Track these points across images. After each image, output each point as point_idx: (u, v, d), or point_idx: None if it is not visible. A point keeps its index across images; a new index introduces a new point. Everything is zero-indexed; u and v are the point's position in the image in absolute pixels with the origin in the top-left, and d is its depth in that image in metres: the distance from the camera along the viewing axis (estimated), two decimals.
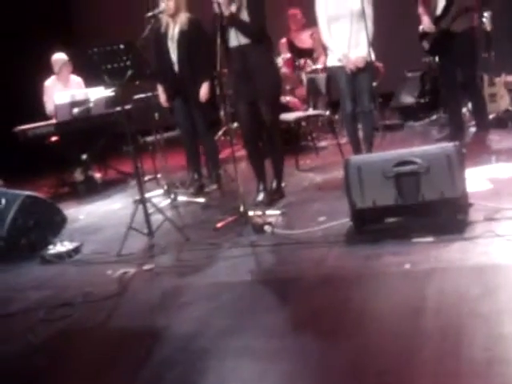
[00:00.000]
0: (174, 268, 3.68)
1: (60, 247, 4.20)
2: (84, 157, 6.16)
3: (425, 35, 5.41)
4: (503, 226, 3.34)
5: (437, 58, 5.49)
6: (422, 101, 7.21)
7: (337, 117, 6.68)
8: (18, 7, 8.51)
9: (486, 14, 6.04)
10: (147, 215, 4.18)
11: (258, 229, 3.99)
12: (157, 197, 5.18)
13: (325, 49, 5.47)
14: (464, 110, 6.12)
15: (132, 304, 3.25)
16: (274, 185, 4.81)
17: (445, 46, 5.27)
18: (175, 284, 3.42)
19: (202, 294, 3.21)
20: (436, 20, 5.31)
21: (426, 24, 5.34)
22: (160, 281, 3.51)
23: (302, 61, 6.87)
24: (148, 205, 4.21)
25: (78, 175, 6.21)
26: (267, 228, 3.98)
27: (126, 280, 3.56)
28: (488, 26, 6.05)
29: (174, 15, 5.08)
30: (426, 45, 5.45)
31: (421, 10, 5.44)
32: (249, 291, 3.16)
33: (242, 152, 5.56)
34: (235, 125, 6.11)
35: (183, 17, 5.11)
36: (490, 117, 6.12)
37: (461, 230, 3.38)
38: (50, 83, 6.50)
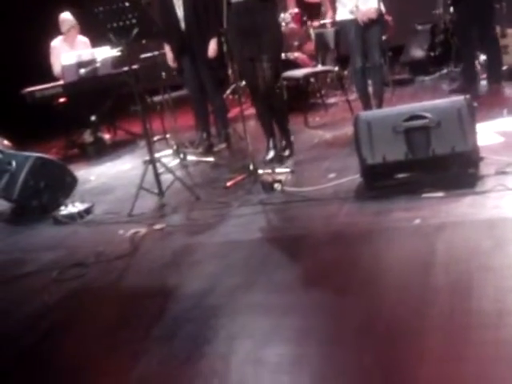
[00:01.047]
0: (184, 227, 3.70)
1: (71, 208, 4.22)
2: (93, 118, 6.14)
3: None
4: None
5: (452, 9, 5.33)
6: (432, 54, 7.09)
7: (346, 72, 6.59)
8: None
9: None
10: (157, 175, 4.19)
11: (268, 187, 3.99)
12: (166, 157, 5.17)
13: (333, 2, 5.37)
14: (476, 62, 6.01)
15: (144, 263, 3.28)
16: (283, 142, 4.78)
17: None
18: (186, 242, 3.44)
19: (213, 252, 3.24)
20: None
21: None
22: (171, 240, 3.53)
23: (309, 15, 6.75)
24: (158, 165, 4.21)
25: (87, 136, 6.21)
26: (277, 186, 3.98)
27: (137, 239, 3.58)
28: None
29: None
30: None
31: None
32: (259, 249, 3.18)
33: (250, 110, 5.52)
34: (243, 83, 6.04)
35: None
36: (503, 68, 6.02)
37: (471, 184, 3.36)
38: (56, 44, 6.43)
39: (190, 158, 5.20)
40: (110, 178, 5.24)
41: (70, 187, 4.54)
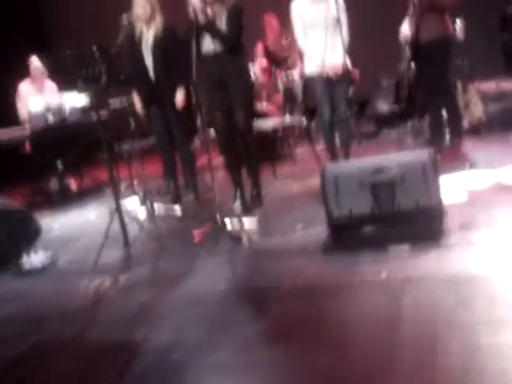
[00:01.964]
0: (150, 278, 3.66)
1: (34, 258, 4.14)
2: (59, 165, 6.09)
3: (405, 42, 5.39)
4: (478, 235, 3.38)
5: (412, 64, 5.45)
6: (398, 108, 7.25)
7: (313, 124, 6.70)
8: None
9: (457, 22, 6.09)
10: (123, 224, 4.14)
11: (235, 237, 3.99)
12: (133, 205, 5.13)
13: (301, 56, 5.48)
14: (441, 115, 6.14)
15: (108, 316, 3.22)
16: (254, 192, 4.81)
17: (420, 53, 5.28)
18: (152, 295, 3.40)
19: (179, 305, 3.19)
20: (413, 28, 5.29)
21: (403, 32, 5.32)
22: (136, 291, 3.48)
23: (277, 68, 6.88)
24: (124, 214, 4.17)
25: (53, 184, 6.14)
26: (244, 236, 3.98)
27: (102, 291, 3.52)
28: (459, 34, 6.11)
29: (149, 20, 5.02)
30: (407, 51, 5.44)
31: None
32: (226, 301, 3.15)
33: (218, 160, 5.55)
34: (212, 132, 6.09)
35: (158, 22, 5.05)
36: (464, 125, 6.18)
37: (436, 238, 3.41)
38: (24, 87, 6.40)
39: (157, 207, 5.17)
40: (75, 227, 5.17)
41: (33, 236, 4.45)
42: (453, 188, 4.25)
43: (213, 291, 3.29)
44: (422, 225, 3.51)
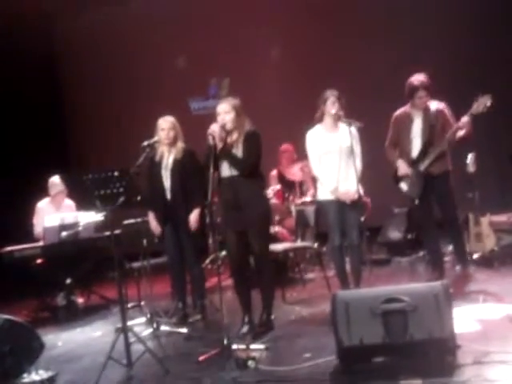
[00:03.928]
0: None
1: (34, 376, 4.03)
2: (68, 281, 6.07)
3: (401, 177, 5.48)
4: (492, 371, 3.26)
5: (416, 200, 5.51)
6: (409, 237, 7.28)
7: (324, 249, 6.70)
8: (16, 123, 8.64)
9: (469, 156, 6.25)
10: (128, 345, 4.05)
11: (242, 364, 3.87)
12: (139, 325, 5.05)
13: (314, 182, 5.60)
14: (449, 248, 6.15)
15: None
16: (264, 317, 4.73)
17: (424, 188, 5.36)
18: None
19: None
20: (412, 162, 5.41)
21: (403, 168, 5.41)
22: None
23: (291, 193, 7.01)
24: (129, 334, 4.09)
25: (61, 299, 6.09)
26: (251, 363, 3.86)
27: None
28: (471, 167, 6.24)
29: (171, 144, 5.24)
30: (404, 187, 5.49)
31: (392, 152, 5.49)
32: None
33: (228, 281, 5.51)
34: (223, 253, 6.11)
35: (179, 146, 5.27)
36: (476, 256, 6.16)
37: (449, 373, 3.29)
38: (43, 205, 6.54)
39: (164, 327, 5.08)
40: (79, 345, 5.06)
41: (35, 353, 4.33)
42: (466, 320, 4.16)
43: None
44: (435, 357, 3.40)
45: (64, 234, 6.01)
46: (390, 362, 3.50)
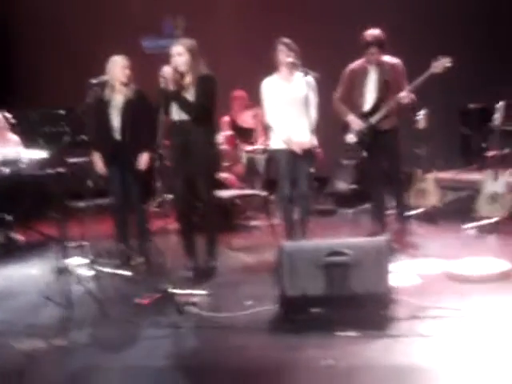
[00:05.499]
0: (87, 346, 3.49)
1: None
2: (7, 217, 5.90)
3: (350, 130, 5.47)
4: (426, 326, 3.36)
5: (364, 153, 5.53)
6: (356, 189, 7.35)
7: (272, 197, 6.70)
8: None
9: (421, 112, 6.28)
10: (67, 285, 3.99)
11: (182, 309, 3.86)
12: (80, 266, 4.96)
13: (266, 130, 5.54)
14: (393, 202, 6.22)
15: (36, 382, 3.03)
16: (208, 263, 4.72)
17: (372, 141, 5.38)
18: (87, 364, 3.23)
19: (114, 378, 3.04)
20: (363, 115, 5.40)
21: (356, 124, 5.41)
22: (71, 359, 3.32)
23: (242, 139, 6.93)
24: (69, 274, 4.02)
25: None
26: (191, 309, 3.86)
27: (33, 355, 3.32)
28: (422, 124, 6.28)
29: (124, 84, 5.05)
30: (352, 139, 5.49)
31: (341, 105, 5.43)
32: (164, 378, 3.01)
33: (174, 225, 5.46)
34: (170, 197, 6.03)
35: (131, 87, 5.10)
36: (419, 211, 6.28)
37: (384, 326, 3.37)
38: None
39: (105, 269, 5.01)
40: (15, 283, 4.93)
41: None
42: (404, 275, 4.24)
43: (149, 366, 3.14)
44: (372, 311, 3.47)
45: (6, 169, 5.80)
46: (328, 314, 3.54)
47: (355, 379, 2.80)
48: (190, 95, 4.48)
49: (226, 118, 7.16)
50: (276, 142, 5.00)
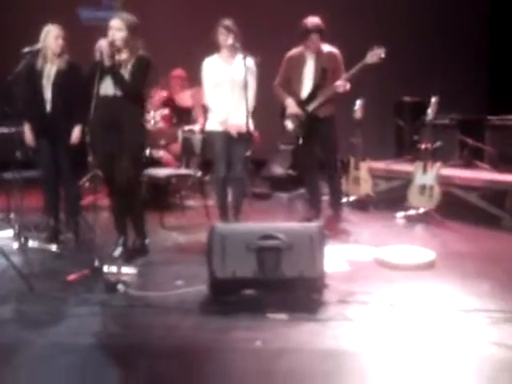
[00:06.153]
0: (10, 321, 3.37)
1: None
2: None
3: (288, 116, 5.49)
4: (354, 310, 3.43)
5: (300, 140, 5.57)
6: (292, 174, 7.41)
7: (207, 178, 6.67)
8: None
9: (357, 102, 6.38)
10: None
11: (111, 287, 3.79)
12: (5, 239, 4.80)
13: (205, 111, 5.50)
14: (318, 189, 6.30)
15: None
16: (137, 242, 4.65)
17: (309, 128, 5.42)
18: (10, 340, 3.13)
19: (38, 355, 2.95)
20: (300, 103, 5.43)
21: (291, 107, 5.42)
22: None
23: (179, 119, 6.85)
24: None
25: None
26: (120, 287, 3.79)
27: None
28: (358, 114, 6.39)
29: (56, 54, 4.88)
30: (289, 125, 5.52)
31: (280, 91, 5.47)
32: (90, 357, 2.95)
33: (105, 201, 5.34)
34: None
35: (64, 58, 4.94)
36: (352, 199, 6.41)
37: (314, 310, 3.42)
38: None
39: (32, 243, 4.86)
40: None
41: None
42: (335, 261, 4.31)
43: (78, 343, 3.07)
44: (302, 295, 3.52)
45: None
46: (259, 296, 3.57)
47: (284, 361, 2.83)
48: (124, 72, 4.37)
49: (164, 94, 7.05)
50: (213, 124, 4.98)
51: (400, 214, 5.88)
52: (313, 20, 5.24)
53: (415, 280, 4.00)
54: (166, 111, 6.83)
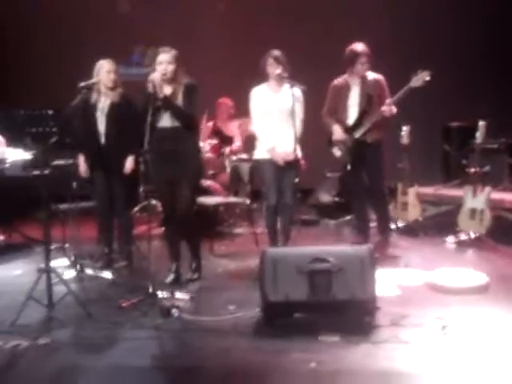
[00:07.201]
0: (70, 345, 3.49)
1: None
2: None
3: (335, 143, 5.53)
4: (407, 333, 3.41)
5: (348, 166, 5.60)
6: (339, 201, 7.43)
7: (255, 206, 6.74)
8: None
9: (404, 128, 6.39)
10: (50, 285, 3.97)
11: (165, 311, 3.87)
12: (62, 267, 4.95)
13: (254, 140, 5.60)
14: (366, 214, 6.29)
15: (22, 381, 3.02)
16: (192, 267, 4.76)
17: (356, 154, 5.44)
18: (71, 363, 3.23)
19: (98, 377, 3.04)
20: (347, 129, 5.46)
21: (338, 134, 5.48)
22: (54, 357, 3.30)
23: (227, 148, 6.97)
24: (52, 275, 4.01)
25: None
26: (174, 311, 3.87)
27: (17, 354, 3.31)
28: (405, 139, 6.39)
29: (111, 88, 5.09)
30: (337, 152, 5.56)
31: (328, 119, 5.52)
32: (148, 378, 3.02)
33: (157, 231, 5.47)
34: (153, 202, 6.03)
35: (118, 91, 5.14)
36: (400, 224, 6.37)
37: (367, 332, 3.42)
38: None
39: (88, 271, 5.01)
40: None
41: None
42: (387, 285, 4.30)
43: (135, 365, 3.15)
44: (355, 317, 3.53)
45: None
46: (311, 319, 3.59)
47: (339, 382, 2.84)
48: (176, 102, 4.53)
49: (210, 124, 7.19)
50: (261, 152, 5.06)
51: (450, 239, 5.82)
52: (359, 45, 5.32)
53: (468, 303, 3.96)
54: (214, 141, 6.95)
